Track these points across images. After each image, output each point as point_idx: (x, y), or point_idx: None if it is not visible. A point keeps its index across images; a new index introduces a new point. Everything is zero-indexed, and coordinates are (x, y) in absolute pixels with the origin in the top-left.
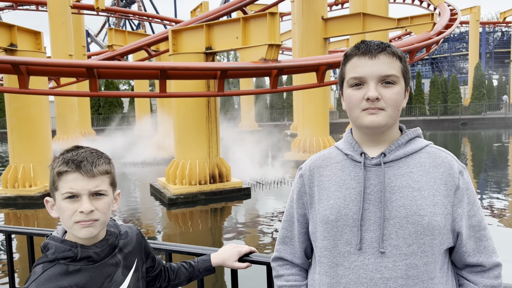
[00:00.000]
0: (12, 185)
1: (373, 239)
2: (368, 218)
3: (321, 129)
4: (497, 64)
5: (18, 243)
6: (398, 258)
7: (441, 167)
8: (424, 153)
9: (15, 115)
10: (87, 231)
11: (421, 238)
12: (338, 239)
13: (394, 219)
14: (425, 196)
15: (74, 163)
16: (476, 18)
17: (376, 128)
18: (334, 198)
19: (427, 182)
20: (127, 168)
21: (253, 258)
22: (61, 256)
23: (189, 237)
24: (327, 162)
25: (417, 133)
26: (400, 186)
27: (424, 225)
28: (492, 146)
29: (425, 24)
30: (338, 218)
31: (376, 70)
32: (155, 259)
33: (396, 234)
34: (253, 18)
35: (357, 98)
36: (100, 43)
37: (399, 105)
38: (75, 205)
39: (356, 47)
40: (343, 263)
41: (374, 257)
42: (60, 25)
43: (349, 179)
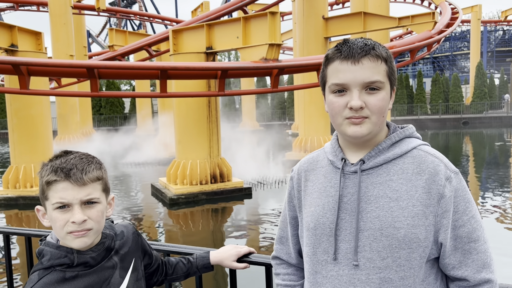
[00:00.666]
0: (14, 185)
1: (348, 250)
2: (344, 228)
3: (322, 129)
4: (499, 62)
5: (20, 245)
6: (371, 271)
7: (424, 174)
8: (409, 157)
9: (16, 115)
10: (81, 242)
11: (396, 252)
12: (316, 247)
13: (368, 230)
14: (402, 207)
15: (63, 171)
16: (477, 17)
17: (359, 138)
18: (314, 205)
19: (407, 191)
20: (128, 168)
21: (252, 259)
22: (57, 263)
23: (190, 237)
24: (313, 166)
25: (405, 134)
26: (376, 196)
27: (399, 238)
28: (494, 145)
29: (426, 23)
30: (317, 226)
31: (359, 76)
32: (152, 256)
33: (370, 246)
34: (254, 17)
35: (339, 106)
36: (101, 44)
37: (384, 111)
38: (67, 215)
39: (338, 49)
40: (321, 271)
41: (348, 268)
42: (61, 25)
43: (329, 186)
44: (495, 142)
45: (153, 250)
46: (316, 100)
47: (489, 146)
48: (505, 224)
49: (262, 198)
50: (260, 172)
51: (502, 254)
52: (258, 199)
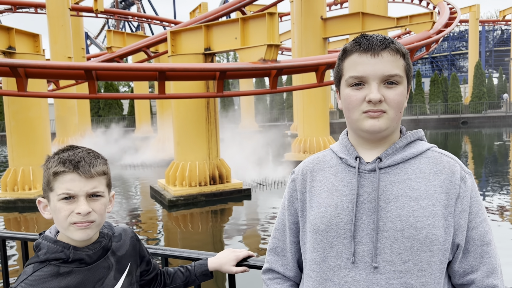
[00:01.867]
0: (12, 188)
1: (366, 253)
2: (361, 229)
3: (321, 129)
4: (497, 62)
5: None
6: (392, 275)
7: (442, 174)
8: (425, 158)
9: (14, 118)
10: (84, 233)
11: (417, 255)
12: (328, 252)
13: (389, 231)
14: (423, 206)
15: (72, 163)
16: (475, 17)
17: (377, 133)
18: (324, 205)
19: (426, 190)
20: (127, 170)
21: (251, 262)
22: (52, 257)
23: (190, 240)
24: (320, 166)
25: (417, 136)
26: (396, 195)
27: (421, 239)
28: (493, 144)
29: (425, 23)
30: (329, 228)
31: (379, 69)
32: (150, 263)
33: (390, 248)
34: (252, 18)
35: (357, 99)
36: (99, 45)
37: (402, 106)
38: (72, 206)
39: (357, 43)
40: (332, 278)
41: (366, 272)
42: (59, 27)
43: (342, 185)
44: (494, 141)
45: (153, 258)
46: (315, 100)
47: (488, 146)
48: (505, 224)
49: (261, 200)
50: (259, 173)
51: (502, 254)
52: (257, 200)
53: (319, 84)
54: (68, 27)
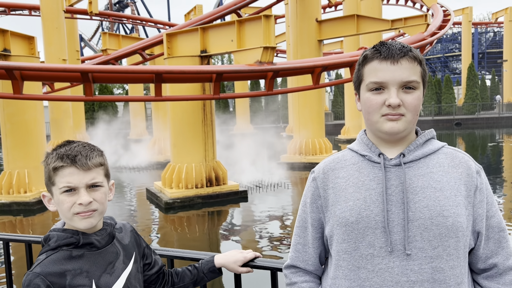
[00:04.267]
0: (7, 191)
1: (398, 241)
2: (391, 219)
3: (317, 131)
4: (490, 64)
5: (15, 251)
6: (423, 261)
7: (459, 168)
8: (442, 153)
9: (9, 120)
10: (87, 222)
11: (446, 241)
12: (359, 242)
13: (418, 220)
14: (447, 197)
15: (69, 157)
16: (468, 19)
17: (395, 134)
18: (353, 199)
19: (448, 182)
20: (122, 173)
21: (258, 263)
22: (63, 243)
23: (186, 242)
24: (341, 164)
25: (432, 134)
26: (422, 187)
27: (448, 226)
28: (487, 145)
29: (419, 25)
30: (359, 220)
31: (398, 76)
32: (151, 257)
33: (421, 236)
34: (248, 21)
35: (377, 103)
36: (93, 48)
37: (418, 110)
38: (74, 198)
39: (377, 50)
40: (365, 266)
41: (399, 259)
42: (54, 29)
43: (368, 180)
44: (488, 142)
45: (155, 254)
46: (311, 102)
47: (482, 147)
48: None
49: (258, 201)
50: (256, 175)
51: None
52: (254, 202)
53: (315, 86)
54: (63, 29)
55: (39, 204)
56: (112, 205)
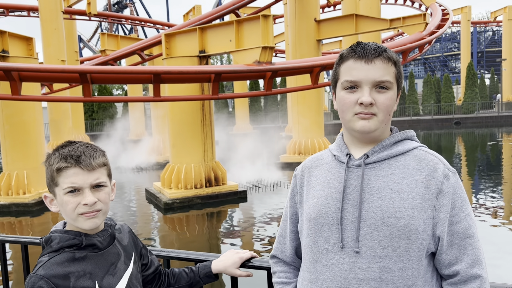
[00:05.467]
0: (6, 192)
1: (349, 239)
2: (346, 217)
3: (316, 131)
4: (489, 63)
5: (12, 253)
6: (372, 259)
7: (424, 170)
8: (410, 155)
9: (8, 122)
10: (92, 222)
11: (396, 242)
12: (318, 237)
13: (370, 220)
14: (403, 199)
15: (73, 158)
16: (467, 18)
17: (366, 133)
18: (317, 197)
19: (408, 184)
20: (121, 174)
21: (254, 263)
22: (66, 244)
23: (186, 242)
24: (318, 163)
25: (406, 135)
26: (378, 187)
27: (399, 228)
28: (486, 144)
29: (418, 24)
30: (319, 216)
31: (371, 75)
32: (147, 257)
33: (371, 235)
34: (246, 21)
35: (350, 101)
36: (92, 48)
37: (391, 110)
38: (78, 198)
39: (353, 50)
40: (321, 260)
41: (349, 256)
42: (52, 30)
43: (333, 179)
44: (487, 141)
45: (151, 255)
46: (310, 102)
47: (481, 146)
48: (497, 223)
49: (257, 201)
50: (255, 175)
51: (496, 252)
52: (253, 202)
53: (314, 86)
54: (61, 30)
55: (38, 205)
56: (112, 206)
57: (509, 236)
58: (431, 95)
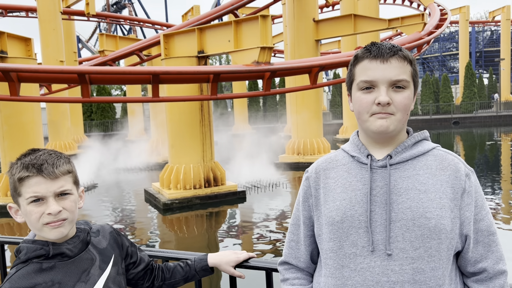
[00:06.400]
0: (5, 193)
1: (380, 241)
2: (374, 220)
3: (315, 131)
4: (487, 63)
5: (11, 255)
6: (404, 261)
7: (447, 170)
8: (431, 155)
9: (7, 122)
10: (58, 232)
11: (427, 242)
12: (344, 241)
13: (401, 221)
14: (431, 199)
15: (35, 167)
16: (465, 18)
17: (385, 133)
18: (339, 199)
19: (434, 184)
20: (120, 174)
21: (252, 263)
22: (33, 255)
23: (185, 243)
24: (333, 165)
25: (423, 136)
26: (406, 188)
27: (430, 228)
28: (485, 144)
29: (416, 24)
30: (344, 219)
31: (387, 74)
32: (136, 255)
33: (403, 236)
34: (245, 21)
35: (367, 102)
36: (91, 49)
37: (409, 109)
38: (42, 208)
39: (367, 50)
40: (348, 265)
41: (380, 259)
42: (51, 31)
43: (355, 180)
44: (486, 141)
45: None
46: (308, 102)
47: (480, 145)
48: (499, 223)
49: (256, 202)
50: (254, 175)
51: None
52: (252, 202)
53: (312, 86)
54: (60, 31)
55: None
56: (110, 207)
57: (508, 236)
58: (429, 94)
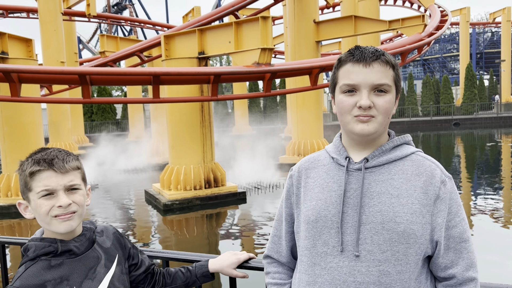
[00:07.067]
0: (5, 194)
1: (349, 242)
2: (346, 221)
3: (315, 132)
4: (488, 64)
5: (11, 255)
6: (371, 263)
7: (422, 176)
8: (409, 160)
9: (7, 123)
10: (67, 225)
11: (395, 246)
12: (317, 239)
13: (370, 224)
14: (403, 204)
15: (46, 161)
16: (466, 19)
17: (366, 136)
18: (316, 199)
19: (407, 189)
20: (121, 175)
21: (252, 264)
22: (42, 252)
23: (185, 244)
24: (315, 165)
25: (404, 140)
26: (378, 192)
27: (399, 232)
28: (485, 145)
29: (416, 25)
30: (318, 219)
31: (369, 78)
32: (137, 257)
33: (371, 239)
34: (246, 22)
35: (349, 105)
36: (92, 50)
37: (390, 112)
38: (52, 201)
39: (351, 53)
40: (319, 263)
41: (348, 260)
42: (52, 32)
43: (332, 182)
44: (486, 142)
45: (142, 254)
46: (309, 103)
47: (480, 147)
48: (498, 225)
49: (256, 203)
50: (254, 176)
51: (496, 254)
52: (252, 203)
53: (313, 87)
54: (61, 32)
55: None
56: (110, 207)
57: (509, 238)
58: (430, 96)
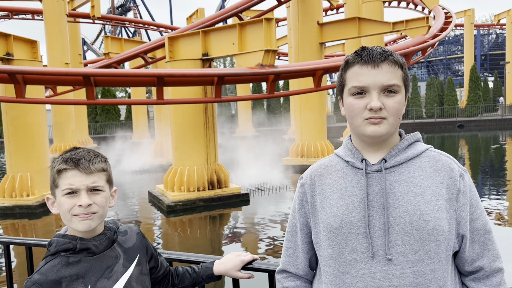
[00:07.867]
0: (10, 194)
1: (379, 246)
2: (373, 225)
3: (319, 134)
4: (492, 66)
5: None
6: (405, 265)
7: (442, 171)
8: (425, 157)
9: (12, 124)
10: (86, 224)
11: (426, 244)
12: (343, 247)
13: (399, 225)
14: (428, 201)
15: (73, 161)
16: (470, 21)
17: (378, 138)
18: (336, 205)
19: (429, 186)
20: (124, 176)
21: (256, 266)
22: (62, 248)
23: (188, 245)
24: (328, 170)
25: (416, 138)
26: (402, 192)
27: (428, 230)
28: (490, 148)
29: (420, 27)
30: (342, 226)
31: (379, 79)
32: (157, 260)
33: (402, 240)
34: (249, 24)
35: (359, 107)
36: (96, 51)
37: (400, 113)
38: (74, 200)
39: (358, 55)
40: (349, 271)
41: (381, 264)
42: (56, 33)
43: (351, 186)
44: (491, 144)
45: (160, 256)
46: (312, 105)
47: (485, 149)
48: (502, 225)
49: (259, 204)
50: (258, 177)
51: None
52: (255, 205)
53: (316, 88)
54: (65, 33)
55: (42, 207)
56: (115, 208)
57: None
58: (434, 98)
